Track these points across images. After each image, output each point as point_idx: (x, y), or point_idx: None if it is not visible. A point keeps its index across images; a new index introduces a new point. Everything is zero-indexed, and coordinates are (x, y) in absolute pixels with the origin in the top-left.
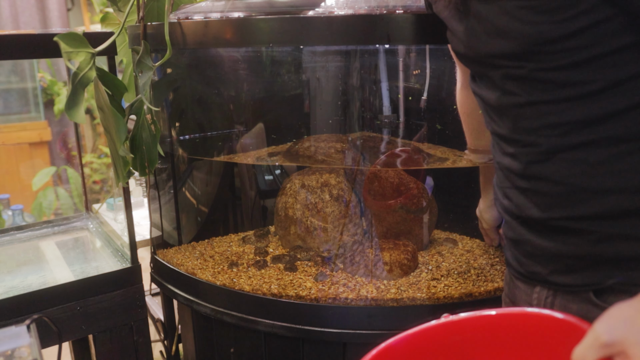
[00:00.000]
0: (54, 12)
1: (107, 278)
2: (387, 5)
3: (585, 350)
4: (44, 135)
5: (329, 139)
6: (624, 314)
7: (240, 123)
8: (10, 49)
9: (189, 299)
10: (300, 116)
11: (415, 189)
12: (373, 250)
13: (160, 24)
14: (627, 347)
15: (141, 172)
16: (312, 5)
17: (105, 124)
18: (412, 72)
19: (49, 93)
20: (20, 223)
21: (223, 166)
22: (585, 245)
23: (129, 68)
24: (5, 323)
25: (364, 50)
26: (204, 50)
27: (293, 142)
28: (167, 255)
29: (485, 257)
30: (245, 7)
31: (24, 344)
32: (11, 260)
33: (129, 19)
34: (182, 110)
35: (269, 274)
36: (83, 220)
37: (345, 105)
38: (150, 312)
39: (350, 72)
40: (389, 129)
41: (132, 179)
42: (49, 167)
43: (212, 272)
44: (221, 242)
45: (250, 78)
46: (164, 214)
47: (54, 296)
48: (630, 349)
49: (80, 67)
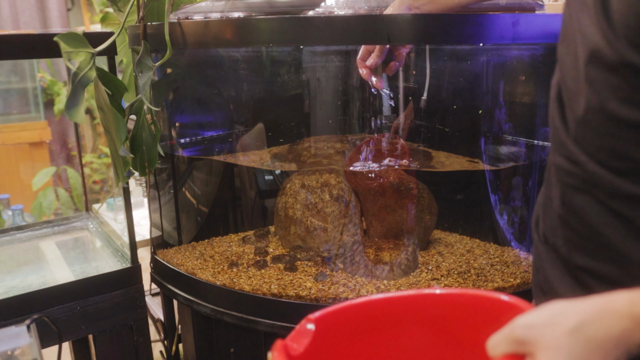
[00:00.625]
0: (54, 12)
1: (107, 278)
2: (387, 5)
3: (499, 341)
4: (44, 135)
5: (329, 140)
6: (550, 313)
7: (240, 123)
8: (10, 49)
9: (189, 299)
10: (300, 116)
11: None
12: (373, 250)
13: (160, 24)
14: (537, 350)
15: (141, 172)
16: (312, 5)
17: (105, 124)
18: (412, 72)
19: (49, 93)
20: (20, 223)
21: (223, 166)
22: None
23: (129, 68)
24: (5, 323)
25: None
26: (204, 50)
27: (293, 143)
28: (167, 255)
29: (485, 257)
30: (245, 7)
31: (24, 344)
32: (11, 260)
33: (129, 19)
34: (182, 110)
35: (269, 274)
36: (83, 220)
37: (345, 105)
38: (150, 312)
39: (351, 72)
40: (389, 129)
41: (132, 179)
42: (49, 167)
43: (212, 272)
44: (221, 242)
45: (250, 78)
46: (164, 214)
47: (54, 296)
48: (539, 353)
49: (80, 67)
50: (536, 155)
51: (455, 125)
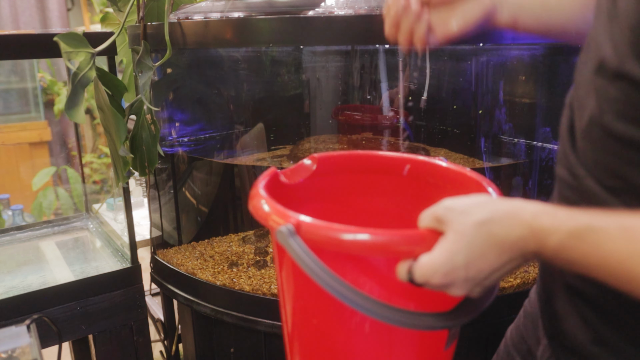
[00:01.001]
0: (54, 12)
1: (107, 278)
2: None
3: (426, 215)
4: (44, 135)
5: (329, 140)
6: (470, 202)
7: (240, 123)
8: (10, 49)
9: (189, 299)
10: (300, 116)
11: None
12: None
13: (160, 24)
14: (447, 231)
15: (141, 172)
16: (312, 5)
17: (105, 124)
18: (412, 72)
19: (49, 93)
20: (20, 223)
21: (223, 166)
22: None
23: (129, 68)
24: (5, 323)
25: (364, 50)
26: (204, 50)
27: (295, 144)
28: (167, 255)
29: None
30: (245, 7)
31: (24, 344)
32: (11, 260)
33: (129, 19)
34: (182, 110)
35: (269, 274)
36: (83, 220)
37: (344, 104)
38: (150, 312)
39: (351, 72)
40: (389, 129)
41: (132, 179)
42: (49, 167)
43: (212, 272)
44: (221, 242)
45: (250, 78)
46: (164, 214)
47: (54, 296)
48: (448, 234)
49: (80, 67)
50: (536, 155)
51: (455, 125)
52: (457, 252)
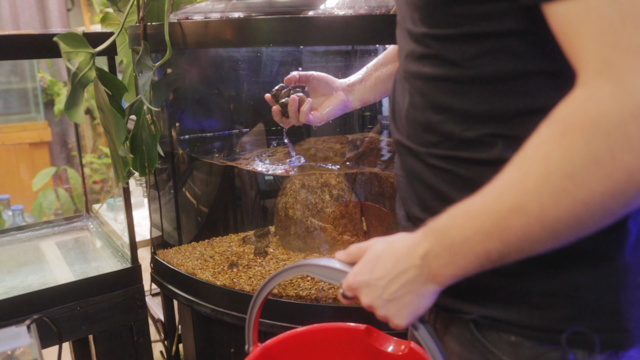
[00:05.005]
0: (54, 12)
1: (107, 278)
2: (387, 5)
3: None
4: (44, 135)
5: (329, 140)
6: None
7: (240, 123)
8: (10, 49)
9: (189, 299)
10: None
11: None
12: None
13: (160, 24)
14: (360, 291)
15: (141, 172)
16: (312, 5)
17: (105, 124)
18: None
19: (49, 93)
20: (20, 223)
21: (223, 166)
22: None
23: (129, 68)
24: (5, 323)
25: (364, 50)
26: (204, 50)
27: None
28: (167, 256)
29: None
30: (245, 7)
31: (24, 344)
32: (11, 261)
33: (129, 19)
34: (182, 110)
35: (269, 274)
36: (83, 221)
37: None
38: (151, 312)
39: (350, 72)
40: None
41: (132, 179)
42: (49, 167)
43: (212, 272)
44: (221, 242)
45: (250, 78)
46: (164, 214)
47: (54, 296)
48: (361, 290)
49: (80, 67)
50: None
51: None
52: (367, 260)
